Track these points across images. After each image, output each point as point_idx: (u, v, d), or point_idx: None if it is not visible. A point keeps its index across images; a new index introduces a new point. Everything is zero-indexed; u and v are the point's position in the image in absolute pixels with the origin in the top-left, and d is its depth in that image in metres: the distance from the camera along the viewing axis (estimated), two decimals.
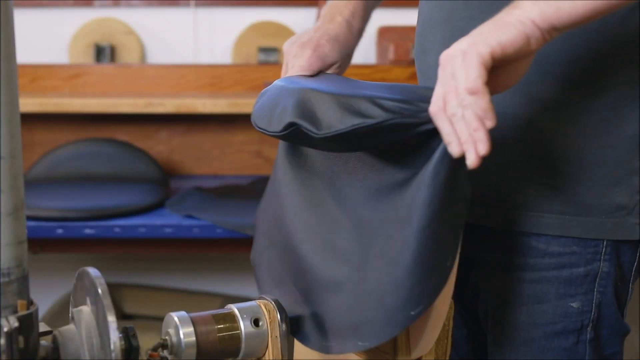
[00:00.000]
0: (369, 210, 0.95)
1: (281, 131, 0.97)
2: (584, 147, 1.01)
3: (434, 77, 0.89)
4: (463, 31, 1.03)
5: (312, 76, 1.11)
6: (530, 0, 0.86)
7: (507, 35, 0.85)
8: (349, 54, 1.18)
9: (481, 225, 1.08)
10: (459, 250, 0.88)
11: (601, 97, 1.00)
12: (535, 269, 1.04)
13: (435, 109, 0.85)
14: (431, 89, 0.87)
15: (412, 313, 0.85)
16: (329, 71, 1.14)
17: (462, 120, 0.83)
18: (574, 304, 1.04)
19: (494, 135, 0.85)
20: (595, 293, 1.04)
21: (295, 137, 0.98)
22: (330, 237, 0.99)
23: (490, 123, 0.83)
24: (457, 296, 1.18)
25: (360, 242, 0.94)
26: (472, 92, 0.82)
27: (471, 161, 0.84)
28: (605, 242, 1.03)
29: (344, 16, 1.17)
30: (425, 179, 0.86)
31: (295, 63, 1.12)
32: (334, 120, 0.90)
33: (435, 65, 0.93)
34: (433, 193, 0.86)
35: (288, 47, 1.13)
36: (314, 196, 1.04)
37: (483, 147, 0.83)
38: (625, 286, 1.07)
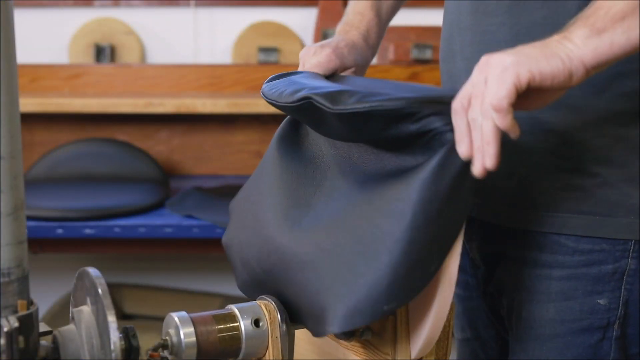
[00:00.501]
0: (356, 197, 0.94)
1: (293, 102, 0.96)
2: (613, 149, 1.03)
3: (460, 81, 0.88)
4: (493, 35, 1.04)
5: (328, 77, 1.11)
6: (582, 31, 0.86)
7: (552, 67, 0.84)
8: (363, 65, 1.19)
9: (510, 227, 1.09)
10: (444, 259, 0.87)
11: (628, 99, 1.01)
12: (565, 266, 1.05)
13: (458, 105, 0.85)
14: (455, 92, 0.87)
15: (385, 308, 0.84)
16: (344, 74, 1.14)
17: (480, 129, 0.83)
18: (601, 301, 1.05)
19: (524, 139, 0.85)
20: (622, 290, 1.05)
21: (305, 111, 0.96)
22: (301, 219, 0.99)
23: (514, 135, 0.84)
24: (482, 295, 1.19)
25: (336, 227, 0.93)
26: (496, 109, 0.83)
27: (477, 170, 0.84)
28: (633, 241, 1.04)
29: (359, 30, 1.19)
30: (427, 177, 0.86)
31: (313, 60, 1.12)
32: (351, 101, 0.89)
33: (463, 69, 0.93)
34: (435, 193, 0.85)
35: (305, 49, 1.14)
36: (296, 180, 1.03)
37: (490, 162, 0.83)
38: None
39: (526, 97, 0.86)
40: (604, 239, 1.04)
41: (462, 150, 0.84)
